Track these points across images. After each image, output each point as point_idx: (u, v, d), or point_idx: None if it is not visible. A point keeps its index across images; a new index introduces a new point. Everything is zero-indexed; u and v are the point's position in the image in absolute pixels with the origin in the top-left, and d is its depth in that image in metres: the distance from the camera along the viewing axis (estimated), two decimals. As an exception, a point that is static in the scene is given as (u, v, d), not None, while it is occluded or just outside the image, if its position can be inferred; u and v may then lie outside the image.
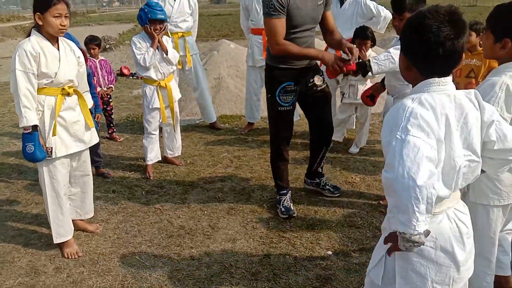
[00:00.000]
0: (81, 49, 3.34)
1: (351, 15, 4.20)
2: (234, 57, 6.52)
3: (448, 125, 1.24)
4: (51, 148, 2.48)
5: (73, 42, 3.25)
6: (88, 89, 2.78)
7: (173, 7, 4.57)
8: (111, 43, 15.11)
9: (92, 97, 3.61)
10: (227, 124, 5.40)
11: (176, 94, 3.83)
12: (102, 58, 4.76)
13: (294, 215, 3.03)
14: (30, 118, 2.35)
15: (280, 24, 2.72)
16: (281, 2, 2.66)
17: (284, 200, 3.12)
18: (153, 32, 3.52)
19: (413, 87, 1.36)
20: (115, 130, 5.01)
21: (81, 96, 2.64)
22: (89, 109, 2.86)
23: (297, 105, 3.20)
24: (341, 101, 4.20)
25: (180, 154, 4.13)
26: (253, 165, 4.03)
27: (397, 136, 1.18)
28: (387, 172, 1.19)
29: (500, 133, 1.36)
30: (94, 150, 3.80)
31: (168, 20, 4.49)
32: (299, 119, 4.89)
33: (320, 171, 3.34)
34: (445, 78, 1.30)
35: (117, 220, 3.11)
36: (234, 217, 3.08)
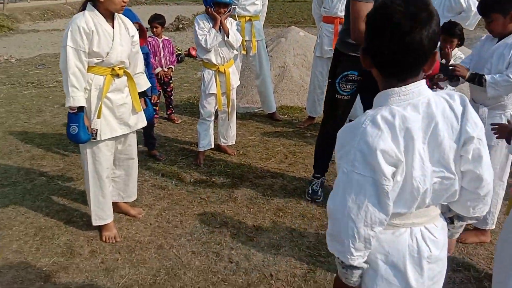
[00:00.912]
0: (141, 26, 3.23)
1: (437, 7, 3.71)
2: (303, 46, 6.19)
3: (410, 140, 1.05)
4: (96, 130, 2.39)
5: (134, 18, 3.15)
6: (143, 70, 2.65)
7: None
8: (185, 23, 15.31)
9: (149, 78, 3.55)
10: (286, 116, 5.14)
11: (235, 81, 3.63)
12: (166, 37, 4.68)
13: (318, 200, 3.07)
14: (77, 98, 2.26)
15: (367, 9, 2.46)
16: None
17: (315, 183, 3.14)
18: (215, 14, 3.33)
19: (380, 89, 1.14)
20: (173, 111, 4.95)
21: (131, 78, 2.51)
22: (145, 90, 2.75)
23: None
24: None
25: (234, 143, 3.96)
26: (309, 163, 3.74)
27: (343, 168, 1.07)
28: (330, 200, 1.12)
29: (475, 153, 1.11)
30: (148, 131, 3.75)
31: (236, 2, 4.31)
32: None
33: None
34: (407, 86, 1.07)
35: (161, 207, 3.00)
36: (281, 220, 2.85)
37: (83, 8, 2.32)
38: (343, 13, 4.20)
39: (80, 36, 2.22)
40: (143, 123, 2.65)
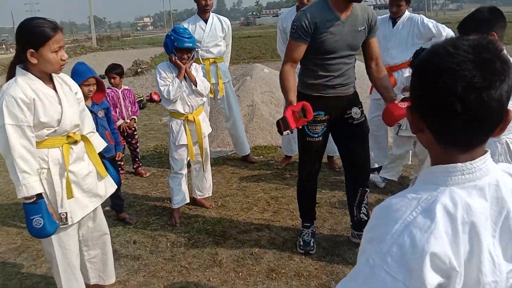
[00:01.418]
0: (98, 80, 2.94)
1: (406, 35, 3.66)
2: (269, 83, 6.05)
3: (475, 239, 0.78)
4: (65, 213, 1.99)
5: (90, 72, 2.86)
6: (93, 129, 2.28)
7: (204, 31, 4.19)
8: (143, 67, 15.08)
9: (111, 133, 3.21)
10: (261, 156, 4.89)
11: (206, 129, 3.37)
12: (126, 87, 4.40)
13: (311, 251, 2.81)
14: (31, 185, 1.84)
15: (295, 48, 2.51)
16: (305, 26, 2.44)
17: (305, 233, 2.88)
18: (179, 62, 3.09)
19: (432, 161, 0.87)
20: (140, 164, 4.60)
21: (87, 141, 2.15)
22: (108, 146, 2.43)
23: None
24: (397, 134, 3.61)
25: (210, 194, 3.65)
26: (294, 209, 3.47)
27: (370, 258, 0.78)
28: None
29: None
30: (115, 193, 3.36)
31: (199, 45, 4.11)
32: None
33: (365, 219, 2.80)
34: (474, 162, 0.81)
35: (136, 282, 2.62)
36: (276, 283, 2.53)
37: (10, 74, 1.92)
38: None
39: (20, 109, 1.81)
40: (112, 187, 2.30)
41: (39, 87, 1.91)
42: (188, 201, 3.47)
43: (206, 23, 4.22)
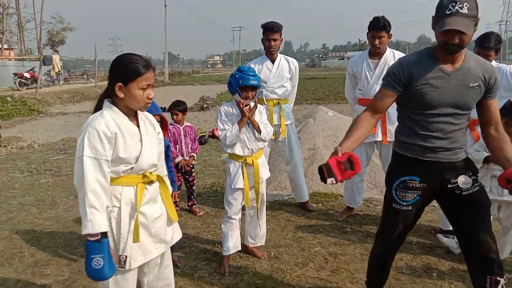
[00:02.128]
0: (163, 118, 2.90)
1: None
2: (332, 126, 5.82)
3: None
4: (125, 256, 1.87)
5: (156, 110, 2.81)
6: (167, 172, 2.19)
7: (270, 71, 4.11)
8: (209, 103, 15.54)
9: (168, 171, 3.14)
10: (320, 204, 4.60)
11: (265, 173, 3.18)
12: (188, 124, 4.38)
13: None
14: (97, 222, 1.74)
15: (382, 95, 2.22)
16: (396, 74, 2.15)
17: None
18: (244, 110, 2.98)
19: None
20: (195, 202, 4.50)
21: (163, 182, 2.03)
22: None
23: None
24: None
25: (263, 243, 3.41)
26: (355, 270, 3.12)
27: None
28: None
29: None
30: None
31: (264, 85, 4.03)
32: None
33: None
34: None
35: (176, 337, 2.41)
36: None
37: (98, 107, 1.92)
38: None
39: (101, 142, 1.78)
40: (179, 235, 2.15)
41: (123, 122, 1.87)
42: (239, 248, 3.26)
43: (273, 63, 4.15)
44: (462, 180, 2.17)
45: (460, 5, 1.92)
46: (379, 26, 3.74)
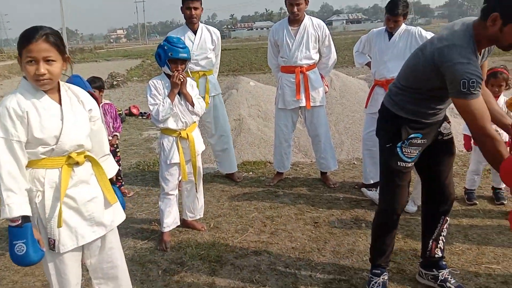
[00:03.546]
0: (93, 95, 2.71)
1: (403, 48, 3.59)
2: (255, 96, 5.92)
3: None
4: (53, 240, 1.76)
5: (85, 87, 2.61)
6: (109, 152, 2.05)
7: (193, 43, 4.01)
8: (119, 79, 14.72)
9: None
10: (251, 173, 4.71)
11: (200, 146, 3.16)
12: (106, 101, 4.15)
13: None
14: (15, 206, 1.63)
15: (483, 104, 2.01)
16: (478, 80, 1.93)
17: (376, 282, 2.43)
18: (174, 80, 2.88)
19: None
20: (123, 183, 4.33)
21: (96, 163, 1.90)
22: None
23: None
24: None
25: (201, 216, 3.42)
26: (292, 229, 3.30)
27: None
28: None
29: None
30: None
31: None
32: None
33: (440, 255, 2.46)
34: None
35: (127, 318, 2.36)
36: (282, 315, 2.33)
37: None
38: (303, 62, 3.99)
39: (11, 122, 1.64)
40: (121, 217, 2.03)
41: (40, 99, 1.71)
42: (178, 223, 3.24)
43: (195, 34, 4.05)
44: (444, 126, 2.35)
45: None
46: None
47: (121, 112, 8.07)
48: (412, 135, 2.26)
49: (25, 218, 1.67)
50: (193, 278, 2.70)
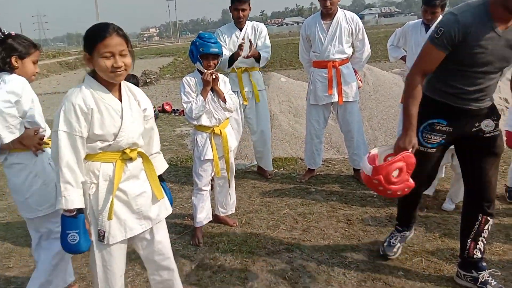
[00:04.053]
0: None
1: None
2: (286, 92, 5.88)
3: None
4: (103, 231, 1.84)
5: None
6: (159, 150, 2.11)
7: (238, 39, 4.01)
8: (152, 77, 15.03)
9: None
10: (282, 169, 4.69)
11: (233, 142, 3.17)
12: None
13: (390, 256, 2.72)
14: (71, 198, 1.72)
15: (435, 56, 2.15)
16: (453, 36, 2.06)
17: (394, 236, 2.79)
18: (206, 79, 2.90)
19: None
20: (157, 178, 4.40)
21: (147, 159, 1.95)
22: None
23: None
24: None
25: (233, 211, 3.44)
26: (324, 227, 3.26)
27: None
28: None
29: None
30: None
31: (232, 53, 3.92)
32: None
33: (479, 256, 2.39)
34: None
35: (161, 311, 2.40)
36: (315, 312, 2.31)
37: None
38: (335, 56, 3.94)
39: (76, 117, 1.71)
40: (167, 211, 2.09)
41: (103, 96, 1.79)
42: (211, 219, 3.27)
43: (241, 31, 4.06)
44: (486, 123, 2.28)
45: None
46: None
47: (154, 109, 8.23)
48: (434, 120, 2.25)
49: (79, 210, 1.76)
50: (226, 273, 2.72)
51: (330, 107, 4.15)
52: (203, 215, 3.18)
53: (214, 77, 2.93)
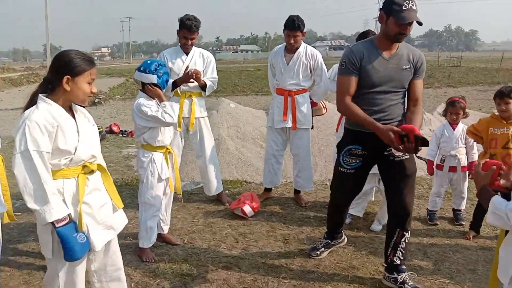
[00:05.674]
0: None
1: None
2: (235, 117, 6.11)
3: None
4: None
5: None
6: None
7: (183, 63, 4.13)
8: (101, 97, 14.77)
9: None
10: (227, 191, 4.84)
11: (179, 160, 3.35)
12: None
13: (312, 256, 3.19)
14: (62, 205, 1.86)
15: (348, 82, 2.64)
16: (352, 60, 2.62)
17: (320, 242, 3.27)
18: (155, 89, 3.08)
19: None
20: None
21: (104, 171, 2.10)
22: None
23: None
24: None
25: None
26: (263, 245, 3.44)
27: None
28: None
29: None
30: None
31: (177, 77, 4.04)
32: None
33: (398, 263, 2.78)
34: None
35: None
36: (248, 325, 2.45)
37: (31, 102, 1.92)
38: (292, 87, 4.20)
39: (42, 135, 1.81)
40: (125, 221, 2.21)
41: (61, 114, 1.91)
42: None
43: (187, 55, 4.16)
44: (395, 151, 2.65)
45: (412, 3, 2.48)
46: (294, 26, 4.00)
47: (101, 129, 8.15)
48: (351, 146, 2.72)
49: (70, 215, 1.87)
50: (165, 290, 2.80)
51: (286, 131, 4.36)
52: (155, 236, 3.29)
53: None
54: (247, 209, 3.95)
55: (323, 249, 3.20)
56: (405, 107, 2.78)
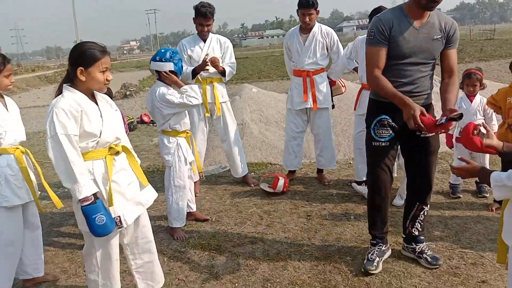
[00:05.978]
0: None
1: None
2: (257, 102, 6.25)
3: None
4: (119, 217, 2.14)
5: None
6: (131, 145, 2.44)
7: (202, 50, 4.27)
8: (132, 89, 15.24)
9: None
10: (253, 173, 5.01)
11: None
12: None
13: (371, 271, 2.68)
14: (90, 185, 2.04)
15: (377, 53, 2.53)
16: (381, 30, 2.50)
17: (371, 252, 2.81)
18: (175, 79, 3.30)
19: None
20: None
21: (129, 152, 2.31)
22: None
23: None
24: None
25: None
26: (286, 222, 3.59)
27: None
28: None
29: None
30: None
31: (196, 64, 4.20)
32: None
33: (416, 234, 2.84)
34: None
35: (135, 296, 2.68)
36: (271, 292, 2.62)
37: (59, 92, 2.14)
38: (310, 66, 4.28)
39: (69, 120, 2.01)
40: (153, 196, 2.43)
41: (84, 101, 2.11)
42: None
43: (205, 42, 4.28)
44: None
45: None
46: (308, 4, 4.09)
47: (133, 120, 8.49)
48: (381, 117, 2.61)
49: (95, 196, 2.06)
50: (195, 263, 3.02)
51: (305, 112, 4.46)
52: (185, 216, 3.53)
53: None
54: (281, 182, 4.10)
55: (378, 258, 2.75)
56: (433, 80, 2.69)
